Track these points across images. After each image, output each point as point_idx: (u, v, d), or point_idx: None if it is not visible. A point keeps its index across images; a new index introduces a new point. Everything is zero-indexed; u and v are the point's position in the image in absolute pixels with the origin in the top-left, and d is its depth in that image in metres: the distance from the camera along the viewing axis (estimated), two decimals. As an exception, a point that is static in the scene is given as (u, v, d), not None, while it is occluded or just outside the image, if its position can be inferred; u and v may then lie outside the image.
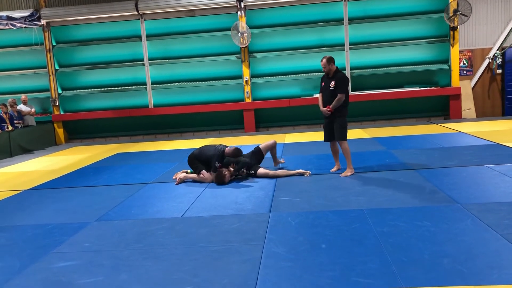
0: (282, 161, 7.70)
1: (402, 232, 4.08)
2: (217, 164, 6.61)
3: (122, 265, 3.78)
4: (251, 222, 4.69)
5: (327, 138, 6.90)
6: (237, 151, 6.63)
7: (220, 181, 6.59)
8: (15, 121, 12.12)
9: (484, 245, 3.70)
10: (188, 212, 5.25)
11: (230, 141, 11.17)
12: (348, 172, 6.58)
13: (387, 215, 4.59)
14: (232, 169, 6.70)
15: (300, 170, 6.84)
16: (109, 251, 4.12)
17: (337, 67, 6.69)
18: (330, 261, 3.58)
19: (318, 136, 11.21)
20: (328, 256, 3.68)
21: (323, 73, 6.81)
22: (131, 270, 3.67)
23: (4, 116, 11.81)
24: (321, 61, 6.62)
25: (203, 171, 6.72)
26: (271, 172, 6.82)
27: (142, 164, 8.82)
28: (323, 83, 6.75)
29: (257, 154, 7.16)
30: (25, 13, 13.43)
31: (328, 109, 6.61)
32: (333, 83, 6.55)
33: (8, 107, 12.15)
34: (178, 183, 6.79)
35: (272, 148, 7.32)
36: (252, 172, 6.87)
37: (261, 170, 6.85)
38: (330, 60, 6.58)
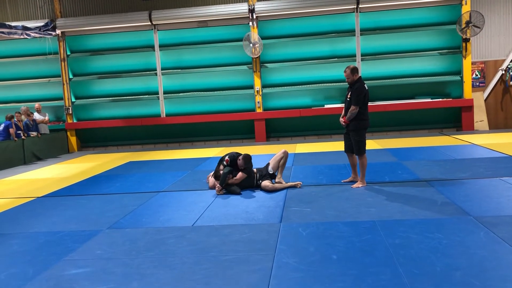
0: (296, 183, 6.80)
1: (413, 244, 4.06)
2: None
3: (133, 273, 3.80)
4: (262, 232, 4.69)
5: (345, 149, 6.86)
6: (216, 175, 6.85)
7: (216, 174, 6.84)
8: (31, 133, 12.26)
9: (497, 258, 3.66)
10: (199, 221, 5.26)
11: (241, 151, 11.16)
12: (359, 184, 6.54)
13: (399, 227, 4.56)
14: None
15: (291, 183, 6.79)
16: (121, 259, 4.15)
17: (360, 77, 6.48)
18: (341, 272, 3.56)
19: (329, 146, 11.21)
20: (339, 267, 3.67)
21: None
22: (142, 278, 3.69)
23: (19, 124, 11.98)
24: (345, 71, 6.45)
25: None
26: (270, 185, 6.63)
27: (153, 173, 8.87)
28: (347, 93, 6.63)
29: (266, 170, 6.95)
30: (40, 23, 13.69)
31: (343, 120, 6.58)
32: (350, 94, 6.48)
33: (24, 115, 12.32)
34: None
35: (281, 158, 6.89)
36: (260, 182, 6.78)
37: (263, 183, 6.69)
38: (354, 71, 6.39)
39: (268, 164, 6.97)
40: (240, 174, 6.69)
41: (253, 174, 6.86)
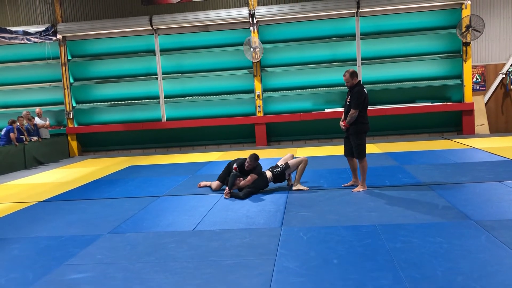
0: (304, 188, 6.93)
1: (415, 248, 4.05)
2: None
3: (134, 278, 3.79)
4: (263, 237, 4.68)
5: (346, 152, 6.84)
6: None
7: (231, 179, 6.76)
8: (32, 138, 12.28)
9: (499, 262, 3.65)
10: (200, 226, 5.26)
11: (242, 155, 11.17)
12: (360, 188, 6.53)
13: (400, 231, 4.55)
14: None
15: (304, 187, 6.90)
16: (121, 264, 4.14)
17: (359, 81, 6.53)
18: (342, 276, 3.56)
19: (329, 150, 11.20)
20: (340, 271, 3.66)
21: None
22: (143, 283, 3.68)
23: (22, 128, 12.00)
24: (344, 75, 6.48)
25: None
26: (294, 160, 6.90)
27: (154, 177, 8.87)
28: (347, 97, 6.66)
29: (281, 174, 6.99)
30: (40, 28, 13.72)
31: (343, 124, 6.58)
32: (350, 97, 6.50)
33: (25, 120, 12.33)
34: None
35: (300, 163, 6.89)
36: (277, 170, 6.87)
37: (291, 161, 6.91)
38: (353, 75, 6.42)
39: (288, 164, 6.97)
40: (249, 177, 6.69)
41: (264, 174, 6.85)
